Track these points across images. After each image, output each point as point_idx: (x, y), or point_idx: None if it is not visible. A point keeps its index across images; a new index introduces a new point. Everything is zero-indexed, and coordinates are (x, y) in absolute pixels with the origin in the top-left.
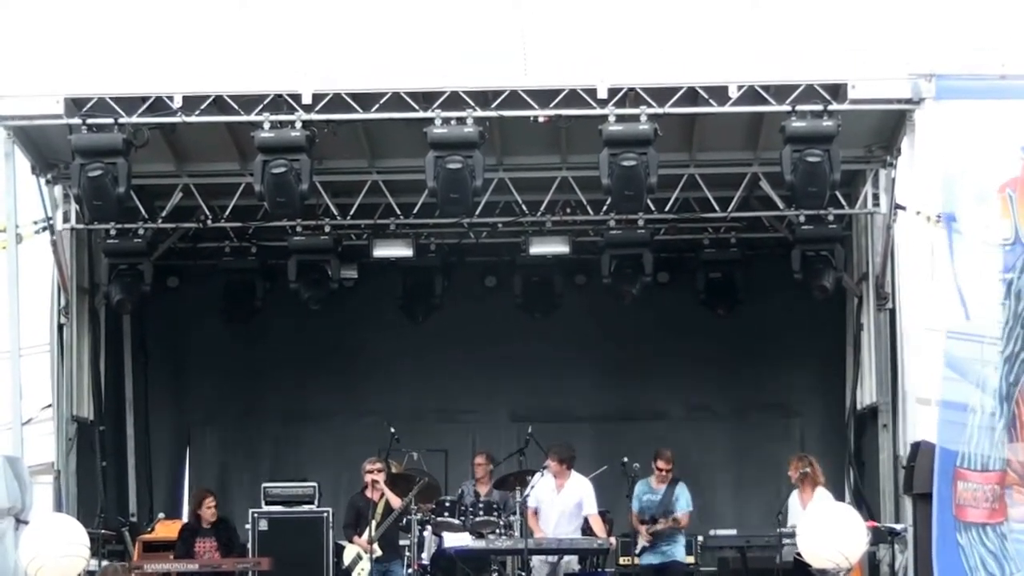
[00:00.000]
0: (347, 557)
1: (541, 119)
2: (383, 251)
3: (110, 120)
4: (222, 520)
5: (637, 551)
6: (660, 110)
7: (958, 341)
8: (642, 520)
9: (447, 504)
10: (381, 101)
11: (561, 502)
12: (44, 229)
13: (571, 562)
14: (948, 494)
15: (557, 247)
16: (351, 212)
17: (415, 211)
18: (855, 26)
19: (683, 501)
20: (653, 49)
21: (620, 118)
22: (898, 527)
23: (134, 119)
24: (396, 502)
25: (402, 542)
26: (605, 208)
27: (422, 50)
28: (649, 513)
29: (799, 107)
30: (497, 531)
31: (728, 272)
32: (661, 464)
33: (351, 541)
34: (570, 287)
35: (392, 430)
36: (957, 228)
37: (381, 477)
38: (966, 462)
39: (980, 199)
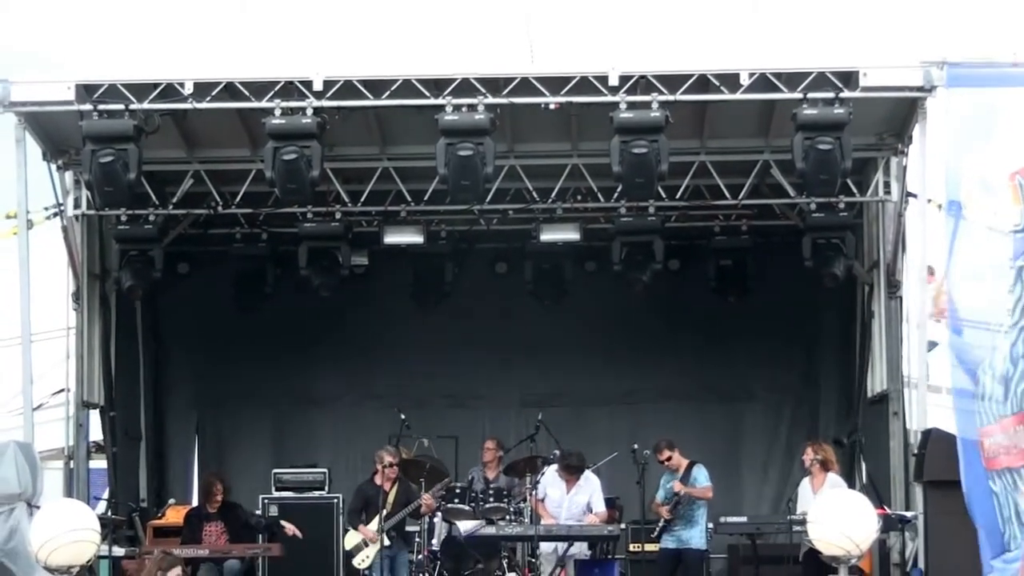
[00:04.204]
0: (349, 542)
1: (552, 106)
2: (394, 238)
3: (121, 106)
4: (228, 505)
5: (655, 535)
6: (671, 97)
7: (966, 328)
8: (664, 503)
9: (457, 490)
10: (392, 88)
11: (570, 503)
12: (55, 215)
13: (582, 548)
14: (976, 456)
15: (568, 234)
16: (362, 199)
17: (426, 198)
18: (867, 14)
19: (701, 478)
20: (664, 36)
21: (631, 105)
22: (908, 515)
23: (145, 105)
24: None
25: (410, 528)
26: (616, 195)
27: (433, 37)
28: (668, 496)
29: (811, 95)
30: (507, 517)
31: (739, 259)
32: (658, 458)
33: (355, 528)
34: (581, 274)
35: (402, 416)
36: (964, 215)
37: (395, 472)
38: (986, 422)
39: (988, 187)
